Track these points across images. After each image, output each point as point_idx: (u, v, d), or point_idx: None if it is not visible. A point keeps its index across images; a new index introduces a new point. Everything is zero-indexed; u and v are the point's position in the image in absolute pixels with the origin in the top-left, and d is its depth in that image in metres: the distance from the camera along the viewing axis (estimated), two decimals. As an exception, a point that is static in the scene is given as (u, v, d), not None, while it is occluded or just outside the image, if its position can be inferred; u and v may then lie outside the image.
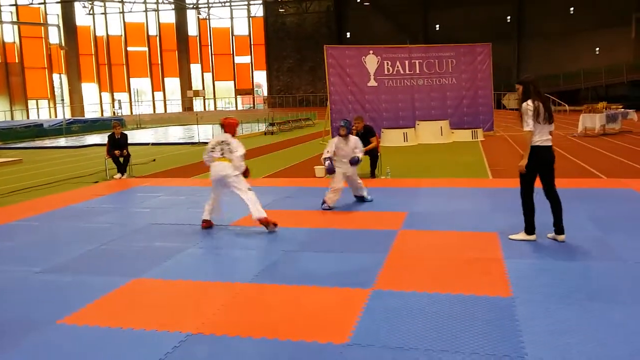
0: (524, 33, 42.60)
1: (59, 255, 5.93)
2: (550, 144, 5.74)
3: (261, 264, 5.40)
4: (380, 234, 6.38)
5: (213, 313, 4.22)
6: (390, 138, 15.81)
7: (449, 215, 7.21)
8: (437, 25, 44.67)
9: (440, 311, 4.10)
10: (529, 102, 5.65)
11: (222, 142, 6.81)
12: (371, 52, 17.60)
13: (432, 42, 36.50)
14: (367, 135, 10.41)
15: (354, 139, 8.24)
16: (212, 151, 6.84)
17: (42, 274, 5.30)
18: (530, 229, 5.89)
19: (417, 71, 17.69)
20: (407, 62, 17.70)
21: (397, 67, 17.62)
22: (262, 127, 26.08)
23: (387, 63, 17.59)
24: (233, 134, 6.99)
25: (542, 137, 5.69)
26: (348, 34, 47.41)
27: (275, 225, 6.65)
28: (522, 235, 5.92)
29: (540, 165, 5.74)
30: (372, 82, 17.46)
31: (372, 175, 10.42)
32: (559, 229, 5.83)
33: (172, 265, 5.49)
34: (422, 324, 3.87)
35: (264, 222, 6.61)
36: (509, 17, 42.89)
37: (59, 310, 4.32)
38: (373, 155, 10.39)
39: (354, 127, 10.45)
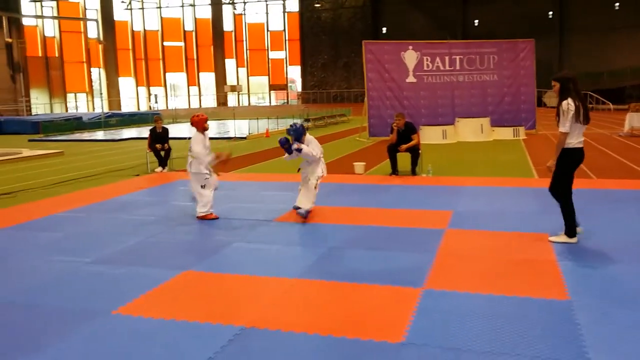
0: (566, 29, 41.55)
1: (108, 246, 6.02)
2: (582, 145, 5.55)
3: (308, 260, 5.37)
4: (426, 232, 6.28)
5: (265, 307, 4.22)
6: (429, 135, 15.60)
7: (496, 215, 7.06)
8: (476, 21, 43.94)
9: (496, 313, 4.00)
10: (570, 101, 5.39)
11: (189, 139, 7.32)
12: (410, 47, 17.40)
13: (471, 37, 35.95)
14: (408, 132, 10.30)
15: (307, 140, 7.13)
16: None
17: (93, 265, 5.38)
18: (572, 231, 5.67)
19: (458, 67, 17.42)
20: (447, 58, 17.45)
21: (437, 63, 17.38)
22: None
23: (427, 59, 17.37)
24: (198, 130, 7.26)
25: (580, 139, 5.50)
26: (384, 30, 47.06)
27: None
28: (563, 238, 5.70)
29: (576, 166, 5.58)
30: (411, 78, 17.26)
31: (413, 172, 10.29)
32: (572, 231, 5.70)
33: (220, 259, 5.51)
34: (478, 326, 3.78)
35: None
36: (550, 13, 41.89)
37: (113, 300, 4.38)
38: (414, 152, 10.26)
39: (394, 124, 10.36)
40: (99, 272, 5.17)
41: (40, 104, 43.93)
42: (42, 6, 43.91)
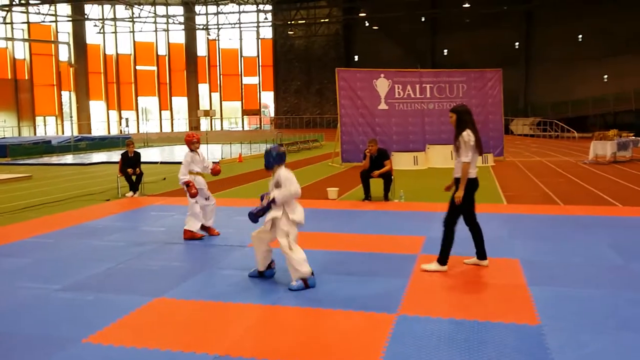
0: (531, 59, 42.87)
1: (78, 273, 5.89)
2: (476, 175, 5.74)
3: (282, 286, 5.35)
4: (399, 258, 6.34)
5: (238, 335, 4.18)
6: (401, 161, 15.82)
7: (467, 240, 7.12)
8: (445, 50, 45.02)
9: (469, 338, 4.04)
10: (469, 132, 5.59)
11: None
12: (382, 75, 17.72)
13: (440, 66, 36.79)
14: (381, 158, 10.43)
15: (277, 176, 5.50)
16: None
17: (62, 292, 5.26)
18: (445, 259, 5.73)
19: (428, 95, 17.79)
20: (417, 86, 17.81)
21: (408, 90, 17.71)
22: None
23: (398, 86, 17.69)
24: (189, 148, 7.82)
25: (475, 169, 5.72)
26: (356, 57, 47.82)
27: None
28: (435, 266, 5.73)
29: (473, 194, 5.76)
30: (383, 106, 17.54)
31: (386, 198, 10.39)
32: (483, 254, 5.86)
33: (193, 285, 5.45)
34: (452, 351, 3.82)
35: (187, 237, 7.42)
36: (517, 43, 43.22)
37: (84, 328, 4.28)
38: (387, 178, 10.38)
39: (367, 150, 10.50)
40: (69, 299, 5.05)
41: (8, 127, 43.06)
42: (12, 28, 43.37)
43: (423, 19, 44.44)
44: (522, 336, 4.08)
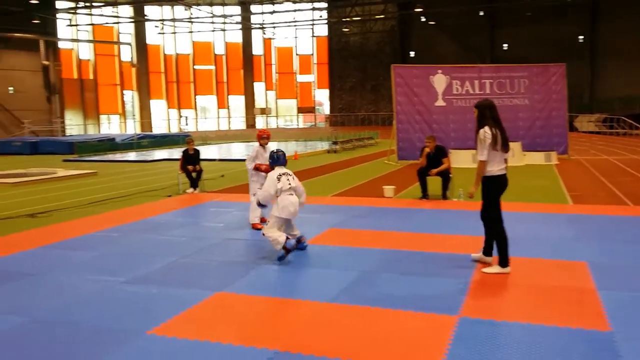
0: (596, 52, 41.03)
1: (142, 266, 6.08)
2: (506, 172, 5.57)
3: (340, 284, 5.33)
4: (459, 258, 6.19)
5: (297, 331, 4.19)
6: (459, 159, 15.48)
7: (531, 241, 6.93)
8: (505, 45, 43.77)
9: (535, 343, 3.90)
10: (487, 129, 5.43)
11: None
12: (440, 71, 17.41)
13: (500, 61, 35.76)
14: (438, 156, 10.24)
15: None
16: None
17: (128, 285, 5.44)
18: (505, 261, 5.52)
19: (488, 91, 17.33)
20: (476, 82, 17.39)
21: (467, 86, 17.33)
22: (324, 145, 26.21)
23: (457, 82, 17.33)
24: (259, 144, 8.29)
25: (501, 166, 5.52)
26: (412, 53, 47.21)
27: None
28: (496, 269, 5.55)
29: (500, 193, 5.62)
30: (440, 102, 17.23)
31: (444, 196, 10.20)
32: (488, 250, 5.80)
33: (252, 281, 5.52)
34: (517, 356, 3.70)
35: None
36: (581, 37, 41.49)
37: (148, 321, 4.41)
38: (445, 176, 10.19)
39: (426, 147, 10.33)
40: (133, 292, 5.22)
41: (74, 125, 45.06)
42: (77, 30, 45.30)
43: (482, 13, 43.33)
44: (591, 343, 3.90)
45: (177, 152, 21.74)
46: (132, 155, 24.90)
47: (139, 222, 8.76)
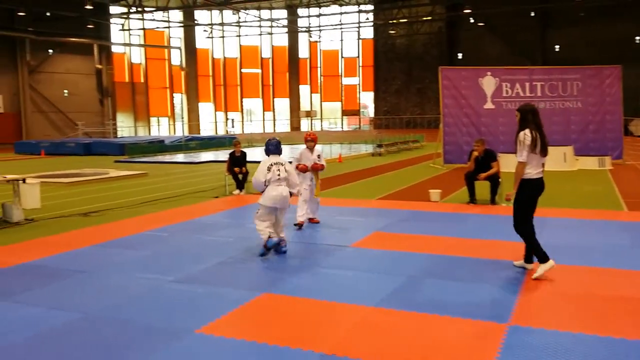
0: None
1: (190, 266, 6.20)
2: (542, 175, 5.63)
3: (386, 288, 5.28)
4: (508, 264, 6.04)
5: (343, 335, 4.18)
6: (508, 163, 14.99)
7: (584, 249, 6.70)
8: (557, 46, 42.55)
9: (589, 354, 3.77)
10: (527, 132, 5.52)
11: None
12: (489, 73, 17.07)
13: (551, 63, 34.84)
14: (487, 160, 10.04)
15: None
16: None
17: (176, 283, 5.55)
18: (545, 256, 5.52)
19: (539, 94, 16.87)
20: (527, 84, 16.95)
21: (517, 89, 16.91)
22: (369, 148, 26.09)
23: (506, 85, 16.95)
24: (306, 146, 8.50)
25: (538, 169, 5.59)
26: (460, 55, 46.51)
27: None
28: (542, 269, 5.50)
29: (536, 196, 5.64)
30: (489, 105, 16.88)
31: (493, 202, 9.99)
32: (529, 258, 5.81)
33: (297, 283, 5.54)
34: (571, 367, 3.57)
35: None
36: (638, 38, 39.88)
37: (196, 319, 4.48)
38: (494, 181, 9.97)
39: (474, 151, 10.15)
40: (182, 290, 5.32)
41: (125, 127, 46.47)
42: (130, 34, 46.71)
43: (533, 13, 42.28)
44: (651, 356, 3.73)
45: (223, 154, 22.08)
46: (180, 157, 25.45)
47: (187, 223, 8.94)
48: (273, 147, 6.88)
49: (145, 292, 5.34)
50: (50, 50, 39.36)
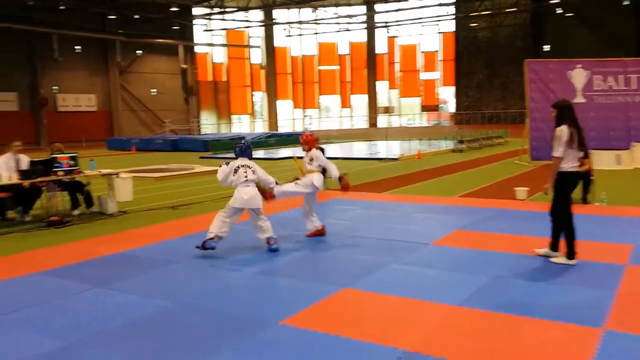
0: None
1: (273, 258, 6.35)
2: (577, 169, 5.86)
3: (470, 288, 5.15)
4: (602, 267, 5.72)
5: (426, 333, 4.12)
6: (601, 160, 14.24)
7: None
8: (655, 36, 39.72)
9: (698, 366, 3.48)
10: (564, 127, 5.73)
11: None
12: (579, 66, 16.17)
13: (647, 54, 32.49)
14: (578, 156, 9.51)
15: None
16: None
17: (261, 275, 5.71)
18: (573, 254, 5.77)
19: (634, 87, 15.77)
20: (621, 76, 15.90)
21: (610, 82, 15.90)
22: (449, 144, 25.51)
23: (598, 78, 15.98)
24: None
25: (574, 163, 5.82)
26: (546, 47, 44.41)
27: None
28: (563, 260, 5.80)
29: (571, 189, 5.92)
30: (580, 99, 15.99)
31: (585, 201, 9.47)
32: (556, 245, 6.00)
33: (378, 279, 5.51)
34: (676, 378, 3.32)
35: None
36: None
37: (280, 311, 4.58)
38: (586, 179, 9.44)
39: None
40: (266, 282, 5.46)
41: (208, 125, 48.16)
42: (212, 35, 48.30)
43: (626, 2, 39.65)
44: None
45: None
46: (260, 153, 26.04)
47: (268, 217, 9.09)
48: (239, 150, 7.09)
49: (230, 282, 5.52)
50: (139, 51, 41.45)
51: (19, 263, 6.49)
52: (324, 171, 7.79)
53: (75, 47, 37.70)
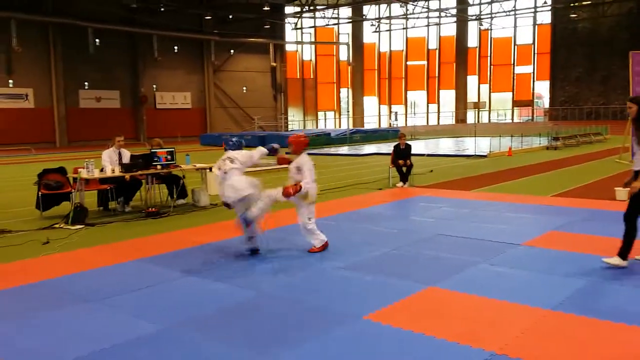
0: None
1: (357, 254, 6.37)
2: None
3: (563, 292, 4.91)
4: None
5: (515, 336, 3.98)
6: None
7: None
8: None
9: None
10: None
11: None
12: (691, 56, 14.89)
13: None
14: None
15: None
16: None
17: (345, 270, 5.75)
18: (626, 255, 5.50)
19: None
20: None
21: None
22: (543, 141, 24.36)
23: None
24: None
25: None
26: (653, 38, 41.22)
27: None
28: (617, 260, 5.51)
29: None
30: (691, 92, 14.74)
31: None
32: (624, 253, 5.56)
33: (465, 279, 5.39)
34: None
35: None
36: None
37: (364, 306, 4.60)
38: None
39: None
40: (350, 277, 5.50)
41: (295, 121, 49.02)
42: (302, 33, 49.06)
43: None
44: None
45: (385, 147, 22.24)
46: (345, 149, 26.18)
47: (353, 212, 9.18)
48: (228, 143, 6.99)
49: (316, 275, 5.62)
50: (232, 51, 42.91)
51: (120, 251, 6.96)
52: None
53: (174, 47, 39.68)
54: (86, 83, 36.03)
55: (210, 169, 10.81)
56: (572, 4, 43.17)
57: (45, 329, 4.37)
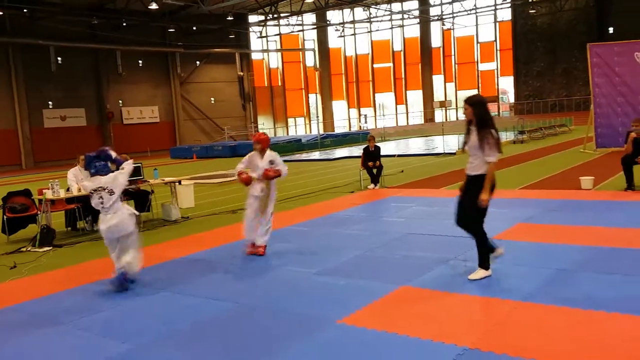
0: None
1: (330, 258, 6.38)
2: None
3: (533, 282, 5.00)
4: (677, 256, 5.41)
5: (488, 329, 4.03)
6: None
7: None
8: None
9: None
10: (493, 131, 5.21)
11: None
12: (647, 46, 15.35)
13: None
14: (647, 142, 9.06)
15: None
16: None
17: (319, 275, 5.75)
18: (488, 263, 5.24)
19: None
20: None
21: (682, 61, 15.02)
22: (509, 135, 24.79)
23: (669, 57, 15.12)
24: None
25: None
26: (611, 29, 42.35)
27: None
28: (482, 273, 5.20)
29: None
30: (649, 80, 15.18)
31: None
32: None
33: (437, 276, 5.44)
34: None
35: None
36: None
37: (338, 310, 4.61)
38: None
39: (632, 132, 9.23)
40: (324, 282, 5.50)
41: (265, 129, 48.88)
42: (267, 41, 49.04)
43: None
44: None
45: (357, 150, 22.35)
46: (316, 154, 26.21)
47: (326, 217, 9.19)
48: (91, 165, 5.78)
49: (291, 282, 5.60)
50: (198, 62, 42.63)
51: (88, 270, 6.83)
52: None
53: (138, 61, 39.24)
54: (50, 102, 35.34)
55: (179, 181, 10.73)
56: (530, 0, 44.13)
57: (14, 357, 4.26)
